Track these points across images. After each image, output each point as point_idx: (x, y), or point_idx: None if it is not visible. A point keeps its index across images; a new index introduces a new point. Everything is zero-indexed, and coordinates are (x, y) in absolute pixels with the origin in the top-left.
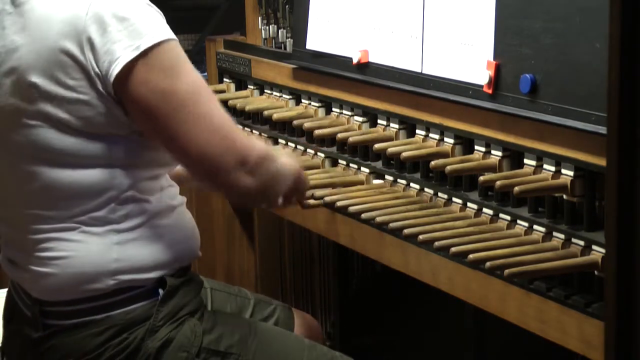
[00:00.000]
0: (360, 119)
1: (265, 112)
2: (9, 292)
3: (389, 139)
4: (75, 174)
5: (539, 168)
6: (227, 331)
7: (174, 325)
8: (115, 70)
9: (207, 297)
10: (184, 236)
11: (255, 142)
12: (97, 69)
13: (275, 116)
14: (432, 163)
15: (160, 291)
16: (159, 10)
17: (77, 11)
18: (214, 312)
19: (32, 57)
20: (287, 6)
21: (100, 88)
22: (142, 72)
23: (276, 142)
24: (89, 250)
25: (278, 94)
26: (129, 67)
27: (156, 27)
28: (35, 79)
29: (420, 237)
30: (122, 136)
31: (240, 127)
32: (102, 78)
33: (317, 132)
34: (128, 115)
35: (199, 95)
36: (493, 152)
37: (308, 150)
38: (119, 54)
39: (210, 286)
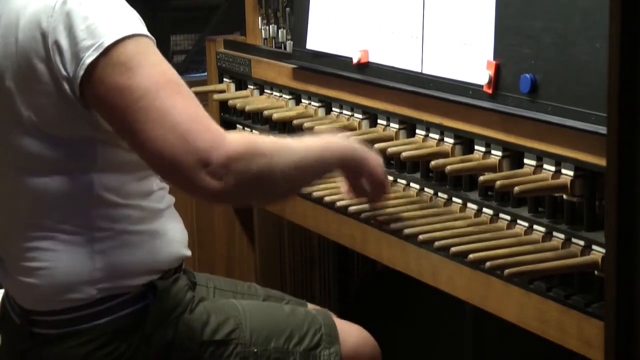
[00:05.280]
0: (360, 117)
1: (265, 112)
2: (4, 296)
3: (389, 139)
4: (49, 180)
5: (539, 168)
6: (222, 319)
7: (170, 327)
8: (81, 71)
9: (209, 299)
10: (170, 239)
11: (227, 141)
12: (64, 72)
13: (275, 116)
14: (432, 163)
15: (150, 295)
16: (132, 9)
17: (44, 12)
18: (203, 303)
19: (5, 60)
20: (287, 6)
21: (68, 91)
22: (102, 69)
23: None
24: (70, 259)
25: (278, 94)
26: (93, 67)
27: (119, 23)
28: (10, 83)
29: (420, 237)
30: (95, 140)
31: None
32: (69, 81)
33: (317, 128)
34: (97, 117)
35: (160, 90)
36: (493, 152)
37: None
38: (84, 54)
39: (214, 285)
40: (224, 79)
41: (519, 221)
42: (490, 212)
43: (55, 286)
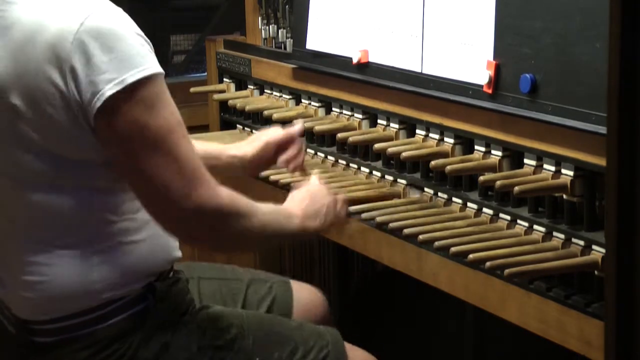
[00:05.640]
0: (360, 117)
1: (265, 112)
2: None
3: (389, 139)
4: (48, 196)
5: (539, 168)
6: (224, 325)
7: (169, 329)
8: (98, 103)
9: (195, 289)
10: (163, 243)
11: (219, 197)
12: (78, 99)
13: (275, 116)
14: (432, 163)
15: (150, 297)
16: (148, 40)
17: (63, 37)
18: (206, 311)
19: (13, 78)
20: (287, 6)
21: (79, 117)
22: (122, 104)
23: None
24: (69, 273)
25: (278, 94)
26: (112, 99)
27: (143, 61)
28: (16, 100)
29: (420, 237)
30: (95, 161)
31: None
32: (82, 108)
33: (317, 128)
34: (100, 143)
35: (173, 133)
36: (493, 152)
37: (308, 150)
38: (103, 86)
39: (198, 275)
40: (224, 79)
41: (519, 221)
42: (490, 212)
43: (53, 299)
